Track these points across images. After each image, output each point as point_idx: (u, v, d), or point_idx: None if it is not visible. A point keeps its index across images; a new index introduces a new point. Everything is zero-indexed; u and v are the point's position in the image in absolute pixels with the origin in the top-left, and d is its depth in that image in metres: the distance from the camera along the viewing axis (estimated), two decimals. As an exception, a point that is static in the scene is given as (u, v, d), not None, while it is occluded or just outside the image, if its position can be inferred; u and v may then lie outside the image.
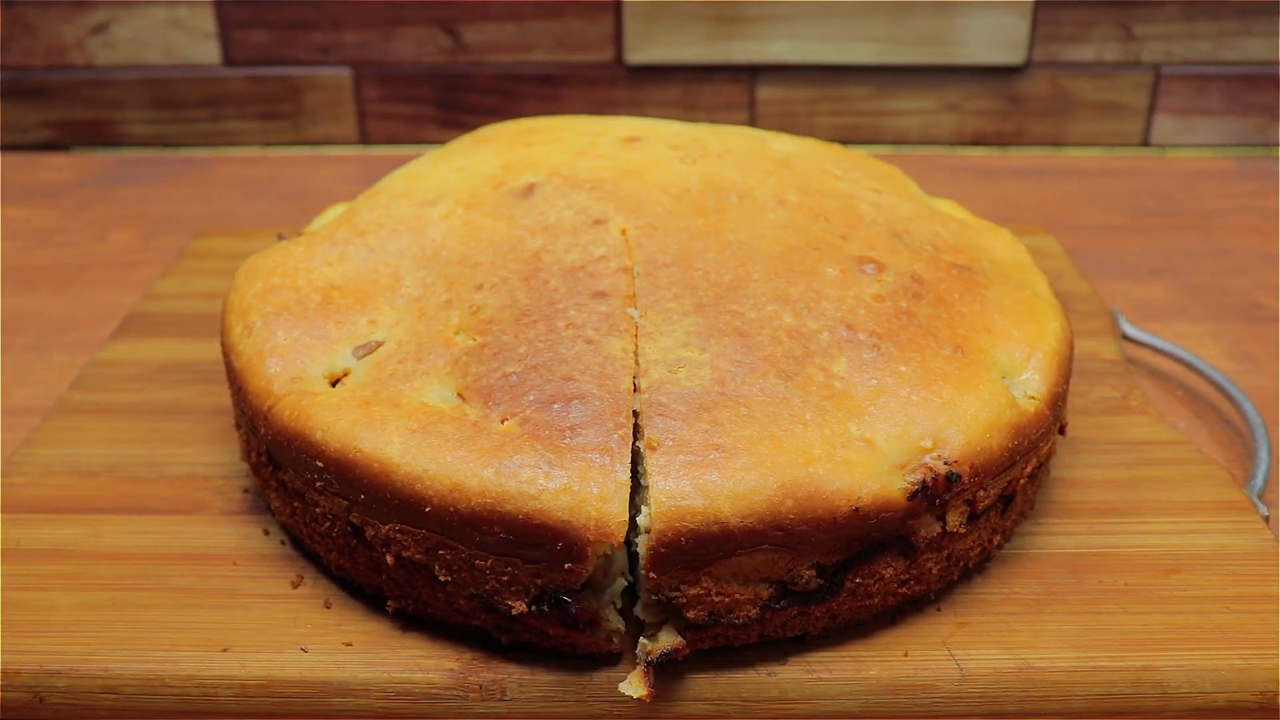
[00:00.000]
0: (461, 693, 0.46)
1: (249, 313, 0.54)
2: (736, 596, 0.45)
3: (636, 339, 0.49)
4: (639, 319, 0.50)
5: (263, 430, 0.50)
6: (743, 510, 0.43)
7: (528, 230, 0.56)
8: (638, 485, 0.45)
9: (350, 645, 0.48)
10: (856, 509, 0.44)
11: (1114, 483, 0.57)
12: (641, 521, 0.44)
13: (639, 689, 0.44)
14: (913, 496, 0.45)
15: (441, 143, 0.71)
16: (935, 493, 0.46)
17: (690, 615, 0.45)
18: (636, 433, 0.46)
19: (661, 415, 0.46)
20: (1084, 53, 1.02)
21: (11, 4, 1.02)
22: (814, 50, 1.02)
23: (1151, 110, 1.05)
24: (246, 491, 0.57)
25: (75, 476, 0.58)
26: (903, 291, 0.53)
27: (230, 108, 1.06)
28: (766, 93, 1.05)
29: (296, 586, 0.51)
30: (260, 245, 0.62)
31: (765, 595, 0.46)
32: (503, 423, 0.46)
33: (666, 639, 0.45)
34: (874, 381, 0.48)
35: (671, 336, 0.49)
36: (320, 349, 0.52)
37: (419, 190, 0.61)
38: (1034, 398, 0.50)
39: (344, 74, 1.05)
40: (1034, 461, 0.51)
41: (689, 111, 1.05)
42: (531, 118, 0.70)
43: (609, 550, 0.44)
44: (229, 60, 1.04)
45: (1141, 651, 0.47)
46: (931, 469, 0.46)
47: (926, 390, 0.48)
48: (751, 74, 1.04)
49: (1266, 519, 0.54)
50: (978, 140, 1.07)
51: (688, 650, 0.45)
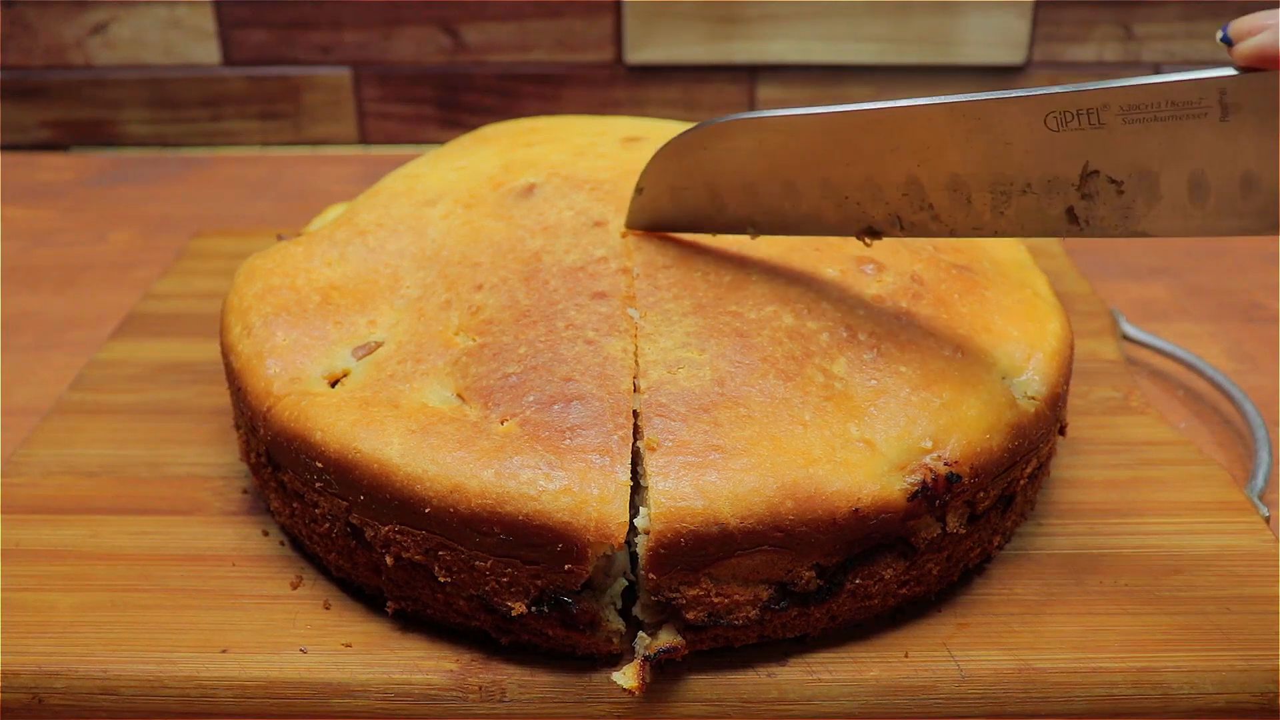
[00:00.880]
0: (461, 694, 0.46)
1: (248, 313, 0.54)
2: (736, 597, 0.45)
3: (636, 339, 0.49)
4: (639, 319, 0.50)
5: (262, 431, 0.50)
6: (742, 511, 0.43)
7: (528, 230, 0.55)
8: (637, 486, 0.45)
9: (350, 646, 0.48)
10: (856, 510, 0.44)
11: (1114, 483, 0.57)
12: (640, 523, 0.44)
13: (630, 680, 0.44)
14: (913, 497, 0.45)
15: (441, 143, 0.71)
16: (935, 493, 0.46)
17: (690, 616, 0.45)
18: (636, 433, 0.46)
19: (661, 416, 0.46)
20: (1084, 53, 1.02)
21: (11, 4, 1.02)
22: (814, 50, 1.02)
23: (1152, 110, 1.05)
24: (246, 492, 0.57)
25: (75, 477, 0.58)
26: (902, 292, 0.53)
27: (230, 107, 1.06)
28: (766, 93, 1.05)
29: (296, 587, 0.51)
30: (260, 245, 0.62)
31: (765, 596, 0.45)
32: (503, 423, 0.46)
33: (666, 637, 0.45)
34: (874, 382, 0.48)
35: (671, 337, 0.49)
36: (320, 349, 0.52)
37: (419, 190, 0.61)
38: (1034, 398, 0.50)
39: (344, 74, 1.05)
40: (1034, 462, 0.51)
41: (689, 111, 1.05)
42: (531, 118, 0.70)
43: (609, 551, 0.44)
44: (229, 60, 1.04)
45: (1142, 652, 0.47)
46: (931, 470, 0.46)
47: (926, 391, 0.48)
48: (751, 74, 1.04)
49: (1267, 519, 0.54)
50: (978, 140, 1.07)
51: (687, 650, 0.45)
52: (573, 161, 0.61)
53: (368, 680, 0.46)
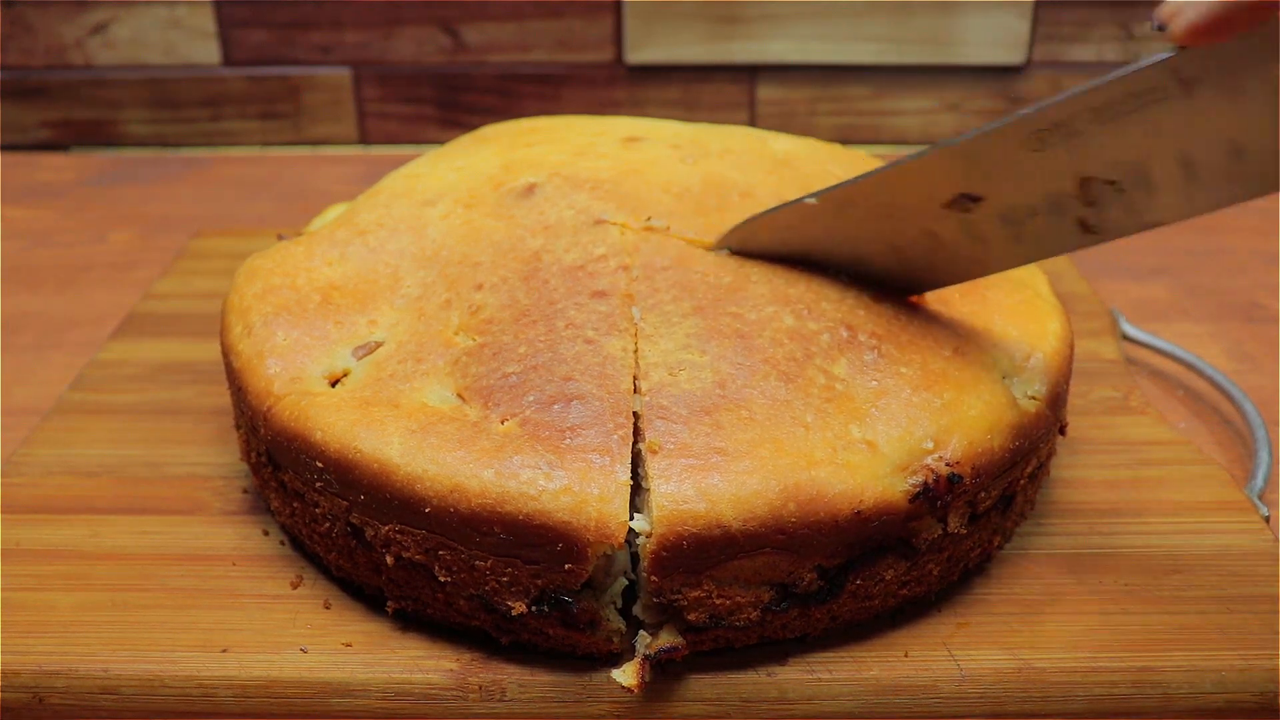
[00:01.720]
0: (461, 693, 0.46)
1: (249, 313, 0.54)
2: (738, 599, 0.45)
3: (636, 339, 0.49)
4: (639, 319, 0.50)
5: (262, 430, 0.50)
6: (745, 514, 0.43)
7: (528, 230, 0.55)
8: (638, 487, 0.45)
9: (350, 646, 0.48)
10: (858, 512, 0.44)
11: (1114, 483, 0.57)
12: (640, 526, 0.44)
13: (630, 678, 0.44)
14: (914, 498, 0.45)
15: (441, 143, 0.71)
16: (937, 494, 0.46)
17: (691, 617, 0.45)
18: (637, 434, 0.46)
19: (663, 418, 0.46)
20: (1084, 53, 1.02)
21: (11, 4, 1.02)
22: (814, 50, 1.02)
23: (1151, 110, 1.05)
24: (246, 492, 0.57)
25: (75, 477, 0.58)
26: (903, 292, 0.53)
27: (230, 107, 1.06)
28: (766, 93, 1.05)
29: (296, 587, 0.51)
30: (260, 245, 0.62)
31: (766, 598, 0.45)
32: (503, 423, 0.46)
33: (667, 637, 0.45)
34: (875, 383, 0.48)
35: (671, 339, 0.49)
36: (320, 349, 0.52)
37: (419, 190, 0.61)
38: (1035, 398, 0.50)
39: (344, 74, 1.05)
40: (1034, 462, 0.51)
41: (689, 111, 1.05)
42: (531, 117, 0.70)
43: (609, 551, 0.44)
44: (229, 60, 1.04)
45: (1142, 652, 0.47)
46: (933, 470, 0.46)
47: (927, 391, 0.48)
48: (751, 74, 1.04)
49: (1266, 519, 0.54)
50: (978, 140, 1.07)
51: (687, 650, 0.45)
52: (573, 161, 0.61)
53: (368, 680, 0.46)
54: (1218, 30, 0.38)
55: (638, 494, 0.45)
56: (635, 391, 0.47)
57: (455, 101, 1.06)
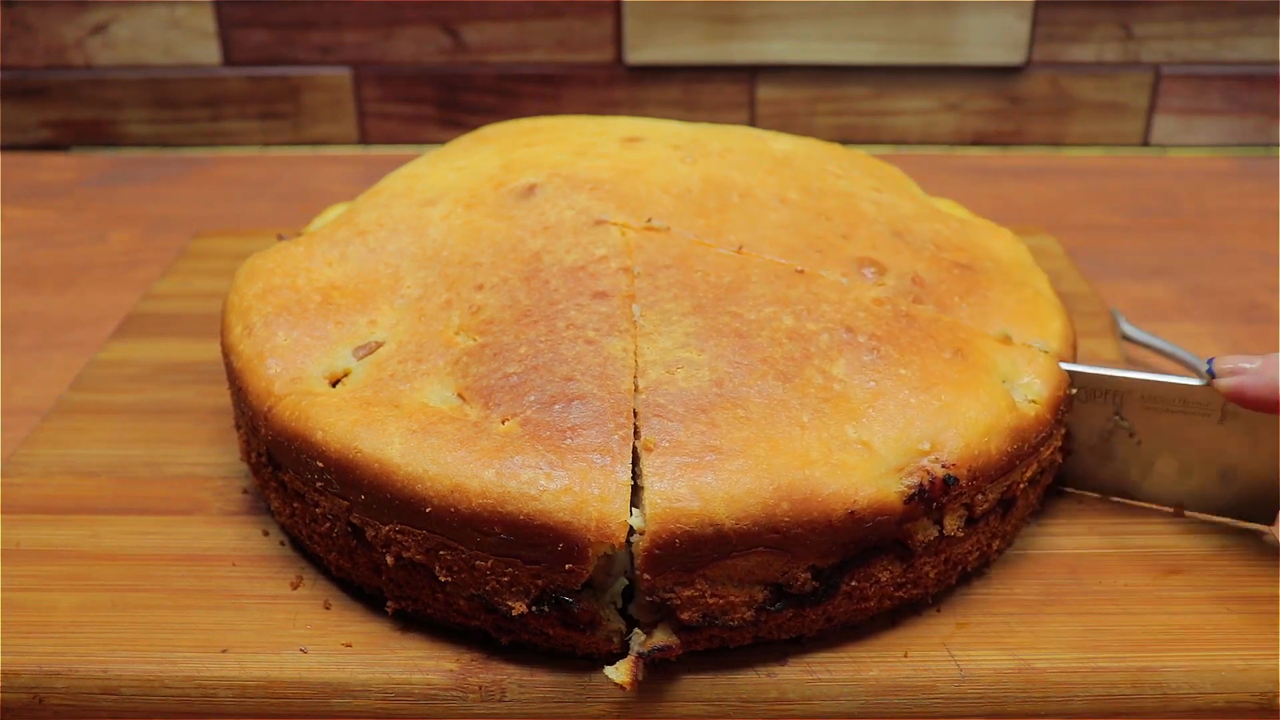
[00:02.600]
0: (461, 693, 0.46)
1: (249, 313, 0.54)
2: (731, 598, 0.45)
3: (636, 339, 0.49)
4: (639, 316, 0.50)
5: (263, 431, 0.50)
6: (738, 513, 0.43)
7: (528, 230, 0.55)
8: (637, 486, 0.45)
9: (350, 646, 0.48)
10: (852, 512, 0.44)
11: (1114, 483, 0.57)
12: (635, 523, 0.44)
13: (623, 676, 0.44)
14: (909, 500, 0.45)
15: (441, 143, 0.71)
16: (932, 496, 0.46)
17: (684, 617, 0.45)
18: (637, 433, 0.46)
19: (658, 416, 0.46)
20: (1084, 53, 1.02)
21: (11, 4, 1.02)
22: (814, 50, 1.02)
23: (1151, 110, 1.05)
24: (246, 492, 0.57)
25: (75, 477, 0.58)
26: (904, 293, 0.53)
27: (230, 108, 1.06)
28: (766, 93, 1.05)
29: (296, 587, 0.51)
30: (260, 245, 0.62)
31: (760, 598, 0.45)
32: (503, 423, 0.46)
33: (661, 636, 0.45)
34: (873, 384, 0.48)
35: (670, 337, 0.49)
36: (320, 349, 0.52)
37: (419, 190, 0.61)
38: (1035, 401, 0.50)
39: (344, 74, 1.05)
40: (1034, 465, 0.51)
41: (689, 111, 1.05)
42: (532, 118, 0.70)
43: (610, 551, 0.44)
44: (229, 60, 1.04)
45: (1142, 652, 0.47)
46: (929, 472, 0.46)
47: (925, 393, 0.48)
48: (751, 74, 1.04)
49: (1266, 519, 0.54)
50: (978, 140, 1.07)
51: (681, 650, 0.45)
52: (573, 161, 0.61)
53: (368, 680, 0.46)
54: (1261, 407, 0.47)
55: (635, 491, 0.45)
56: (635, 391, 0.47)
57: (455, 101, 1.06)
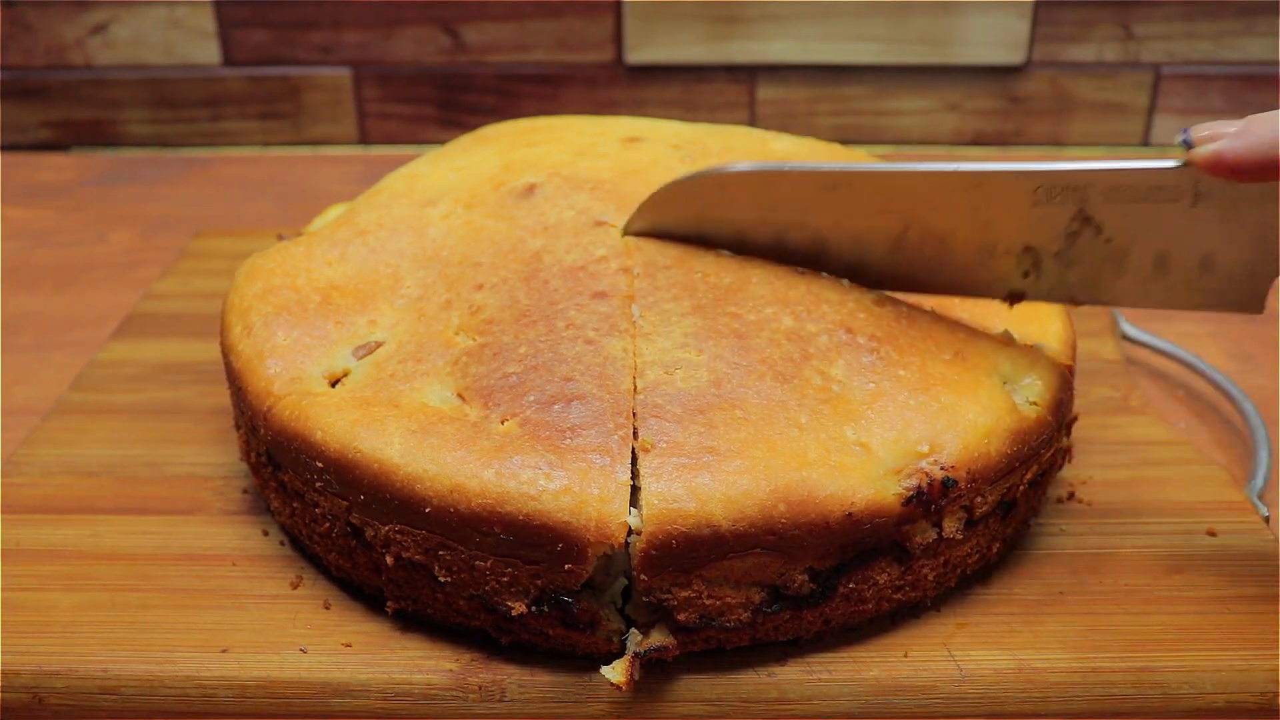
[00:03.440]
0: (461, 693, 0.46)
1: (249, 313, 0.54)
2: (728, 600, 0.45)
3: (635, 339, 0.49)
4: (638, 317, 0.50)
5: (262, 431, 0.50)
6: (734, 514, 0.43)
7: (528, 230, 0.55)
8: (634, 486, 0.45)
9: (349, 646, 0.48)
10: (850, 514, 0.44)
11: (1114, 483, 0.57)
12: (632, 523, 0.44)
13: (619, 675, 0.44)
14: (907, 502, 0.45)
15: (441, 143, 0.71)
16: (931, 498, 0.46)
17: (681, 617, 0.45)
18: (635, 434, 0.46)
19: (656, 417, 0.46)
20: (1084, 53, 1.02)
21: (11, 4, 1.02)
22: (814, 50, 1.02)
23: (1151, 110, 1.05)
24: (246, 492, 0.57)
25: (75, 476, 0.58)
26: (904, 295, 0.53)
27: (230, 108, 1.06)
28: (766, 93, 1.05)
29: (296, 587, 0.51)
30: (260, 245, 0.62)
31: (757, 599, 0.45)
32: (503, 423, 0.46)
33: (658, 636, 0.45)
34: (872, 385, 0.48)
35: (669, 338, 0.49)
36: (320, 349, 0.52)
37: (419, 190, 0.61)
38: (1035, 403, 0.50)
39: (344, 74, 1.05)
40: (1035, 468, 0.51)
41: (689, 111, 1.05)
42: (532, 118, 0.70)
43: (609, 551, 0.44)
44: (229, 60, 1.04)
45: (1142, 652, 0.47)
46: (927, 474, 0.46)
47: (925, 394, 0.48)
48: (751, 74, 1.04)
49: (1266, 519, 0.54)
50: (978, 140, 1.07)
51: (678, 651, 0.45)
52: (573, 161, 0.61)
53: (368, 680, 0.46)
54: (1239, 173, 0.42)
55: (634, 493, 0.45)
56: (634, 392, 0.47)
57: (455, 101, 1.06)
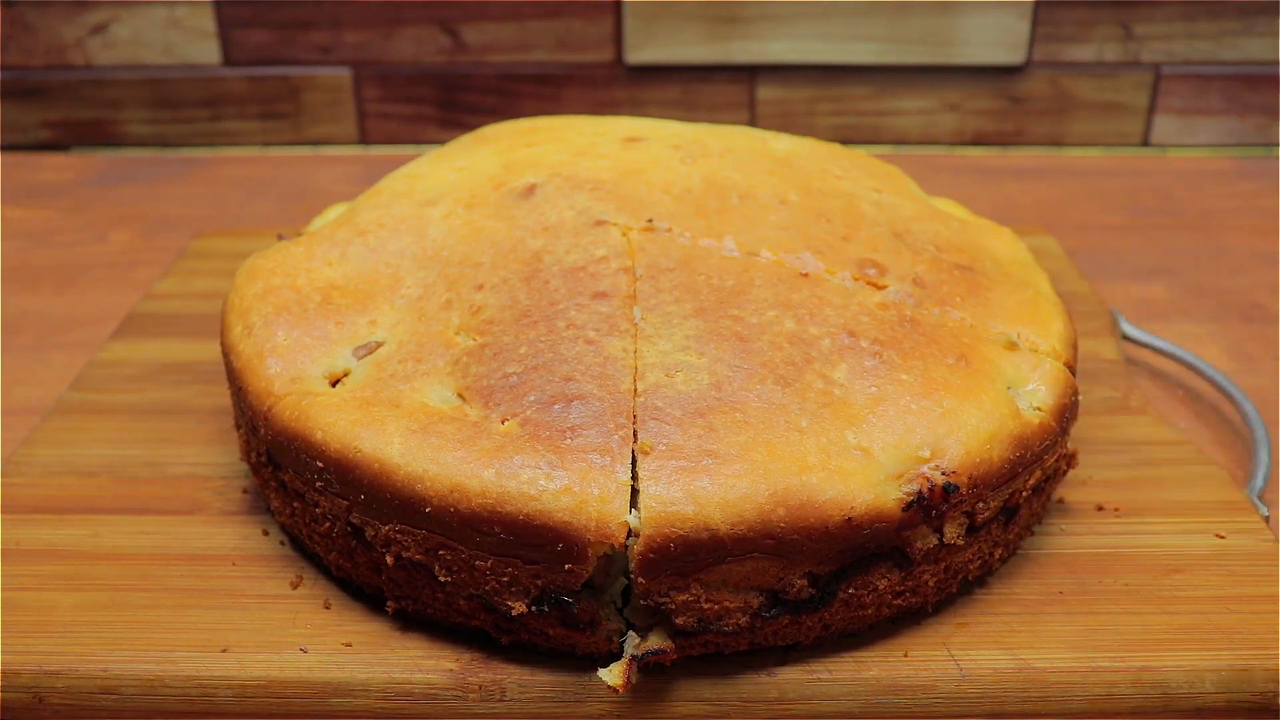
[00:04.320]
0: (461, 693, 0.46)
1: (249, 313, 0.54)
2: (726, 604, 0.45)
3: (636, 339, 0.49)
4: (640, 319, 0.50)
5: (263, 430, 0.50)
6: (733, 518, 0.43)
7: (528, 230, 0.55)
8: (633, 489, 0.45)
9: (350, 646, 0.48)
10: (849, 519, 0.44)
11: (1114, 483, 0.57)
12: (631, 522, 0.44)
13: (616, 678, 0.44)
14: (908, 507, 0.45)
15: (441, 143, 0.71)
16: (932, 504, 0.45)
17: (679, 621, 0.45)
18: (635, 436, 0.46)
19: (656, 419, 0.46)
20: (1084, 53, 1.02)
21: (11, 4, 1.02)
22: (814, 50, 1.02)
23: (1151, 110, 1.05)
24: (246, 492, 0.57)
25: (75, 476, 0.58)
26: (907, 298, 0.53)
27: (230, 108, 1.06)
28: (766, 93, 1.05)
29: (296, 587, 0.51)
30: (260, 245, 0.62)
31: (756, 604, 0.45)
32: (503, 423, 0.46)
33: (655, 640, 0.45)
34: (874, 389, 0.48)
35: (670, 340, 0.49)
36: (320, 349, 0.52)
37: (419, 190, 0.61)
38: (1040, 409, 0.50)
39: (344, 74, 1.05)
40: (1038, 474, 0.50)
41: (689, 111, 1.05)
42: (531, 118, 0.70)
43: (609, 551, 0.44)
44: (229, 60, 1.04)
45: (1142, 652, 0.47)
46: (928, 479, 0.45)
47: (927, 399, 0.48)
48: (751, 74, 1.04)
49: (1266, 519, 0.54)
50: (978, 140, 1.07)
51: (676, 655, 0.45)
52: (573, 161, 0.61)
53: (368, 680, 0.46)
54: None
55: (632, 495, 0.45)
56: (634, 394, 0.47)
57: (455, 101, 1.06)
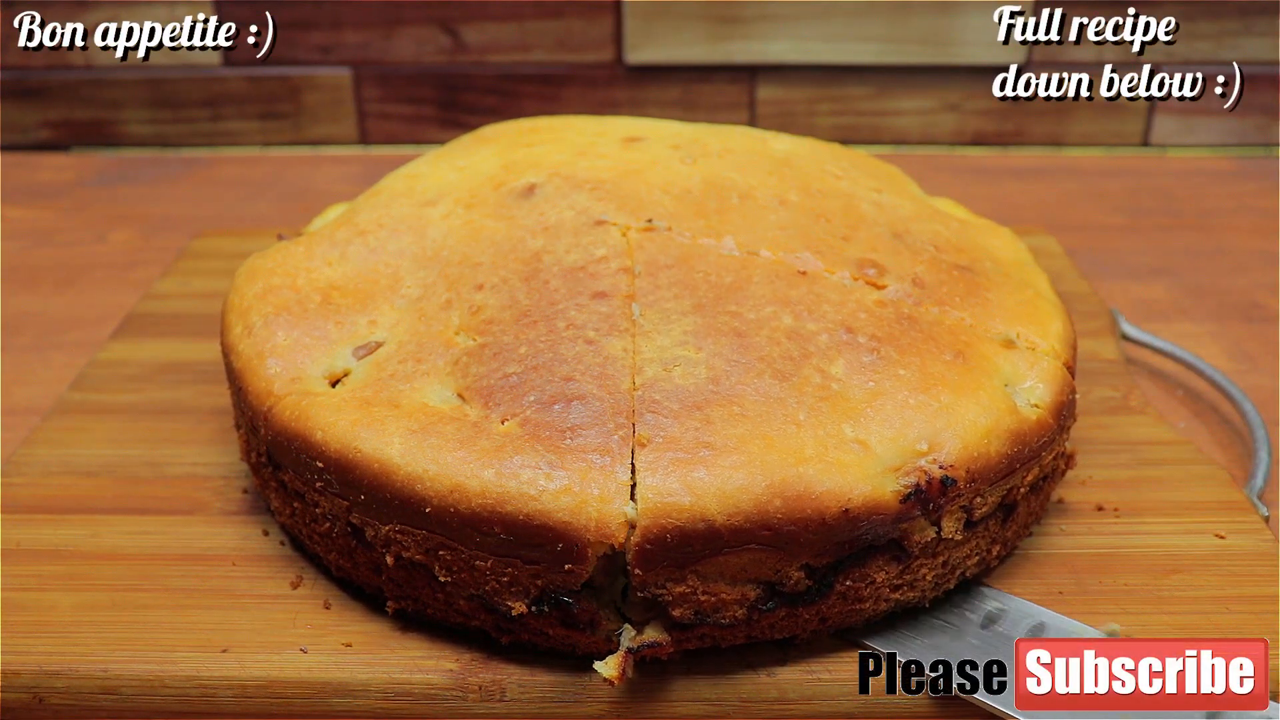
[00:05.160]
0: (461, 693, 0.46)
1: (249, 313, 0.54)
2: (723, 596, 0.45)
3: (635, 338, 0.49)
4: (638, 315, 0.50)
5: (263, 430, 0.50)
6: (730, 509, 0.43)
7: (528, 230, 0.55)
8: (635, 482, 0.45)
9: (350, 646, 0.48)
10: (846, 510, 0.44)
11: (1114, 483, 0.57)
12: (628, 513, 0.44)
13: (611, 670, 0.44)
14: (905, 500, 0.45)
15: (441, 143, 0.71)
16: (929, 497, 0.45)
17: (676, 614, 0.45)
18: (634, 431, 0.46)
19: (653, 412, 0.46)
20: (1084, 53, 1.02)
21: (11, 4, 1.02)
22: (814, 50, 1.02)
23: (1151, 110, 1.05)
24: (246, 492, 0.57)
25: (75, 476, 0.58)
26: (905, 295, 0.53)
27: (230, 108, 1.06)
28: (766, 93, 1.05)
29: (296, 587, 0.51)
30: (260, 245, 0.62)
31: (753, 596, 0.45)
32: (503, 423, 0.46)
33: (651, 633, 0.45)
34: (871, 384, 0.48)
35: (669, 335, 0.49)
36: (320, 349, 0.52)
37: (419, 190, 0.61)
38: (1037, 405, 0.50)
39: (344, 74, 1.05)
40: (1036, 471, 0.50)
41: (689, 111, 1.05)
42: (531, 118, 0.70)
43: (609, 551, 0.44)
44: (229, 60, 1.04)
45: (1141, 652, 0.47)
46: (926, 472, 0.46)
47: (925, 394, 0.48)
48: (751, 74, 1.04)
49: (1266, 519, 0.54)
50: (978, 140, 1.07)
51: (672, 648, 0.45)
52: (573, 161, 0.61)
53: (368, 680, 0.46)
54: None
55: (631, 487, 0.45)
56: (633, 389, 0.47)
57: (455, 101, 1.06)
